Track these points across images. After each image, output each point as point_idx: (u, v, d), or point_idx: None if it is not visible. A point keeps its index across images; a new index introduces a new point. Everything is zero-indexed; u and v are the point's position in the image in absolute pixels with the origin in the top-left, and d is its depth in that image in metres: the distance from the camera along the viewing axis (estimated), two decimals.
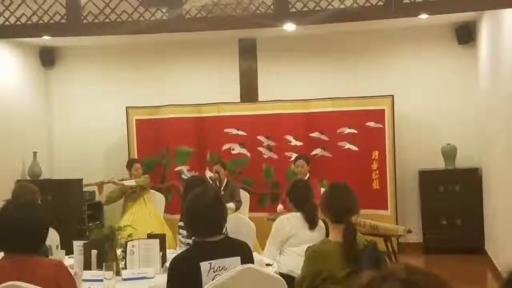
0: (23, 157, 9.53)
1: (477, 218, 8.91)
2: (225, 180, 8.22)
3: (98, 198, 9.66)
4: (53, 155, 10.33)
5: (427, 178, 9.18)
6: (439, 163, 9.19)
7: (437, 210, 9.06)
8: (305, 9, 6.34)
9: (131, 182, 8.27)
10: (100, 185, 8.36)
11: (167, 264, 4.05)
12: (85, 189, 9.21)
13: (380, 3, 6.18)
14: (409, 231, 7.68)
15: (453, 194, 9.03)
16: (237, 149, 9.27)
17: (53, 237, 4.75)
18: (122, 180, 8.36)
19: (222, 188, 8.06)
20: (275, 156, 9.22)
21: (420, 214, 9.26)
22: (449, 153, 9.09)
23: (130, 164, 8.60)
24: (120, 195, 8.40)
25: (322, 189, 7.21)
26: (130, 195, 8.31)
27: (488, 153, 8.41)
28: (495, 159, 7.87)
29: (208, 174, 9.06)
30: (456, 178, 9.04)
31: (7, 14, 6.82)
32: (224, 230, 3.69)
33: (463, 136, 9.20)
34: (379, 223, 7.59)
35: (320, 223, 5.07)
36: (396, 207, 8.93)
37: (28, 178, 9.40)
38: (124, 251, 4.78)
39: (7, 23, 6.85)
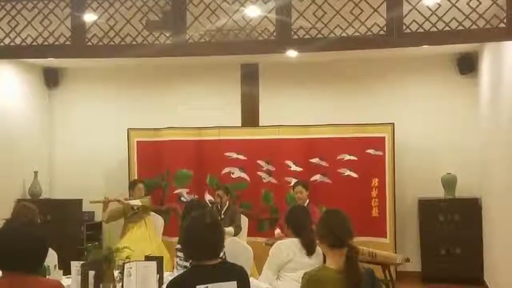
0: (23, 177, 9.56)
1: (476, 248, 8.89)
2: (227, 204, 8.22)
3: (97, 218, 9.68)
4: (54, 175, 10.36)
5: (427, 207, 9.18)
6: (439, 192, 9.19)
7: (436, 239, 9.05)
8: (307, 36, 6.39)
9: (136, 202, 8.26)
10: (106, 202, 8.37)
11: (164, 286, 4.05)
12: (90, 205, 9.13)
13: (382, 32, 6.23)
14: (408, 260, 7.65)
15: (452, 224, 9.03)
16: (237, 173, 9.29)
17: (51, 257, 4.74)
18: (127, 199, 8.37)
19: (222, 212, 8.07)
20: (274, 181, 9.23)
21: (419, 243, 9.25)
22: (449, 182, 9.10)
23: (133, 184, 8.60)
24: (121, 214, 8.38)
25: None
26: (131, 217, 8.29)
27: (488, 183, 8.42)
28: (495, 189, 7.88)
29: (208, 197, 9.08)
30: (455, 207, 9.04)
31: (13, 34, 6.88)
32: (221, 254, 3.69)
33: (463, 165, 9.22)
34: (378, 250, 7.57)
35: (318, 249, 5.06)
36: (395, 235, 8.92)
37: (28, 197, 9.42)
38: (122, 273, 4.77)
39: (12, 43, 6.91)
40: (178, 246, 5.21)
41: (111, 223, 8.47)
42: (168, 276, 4.90)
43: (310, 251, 5.12)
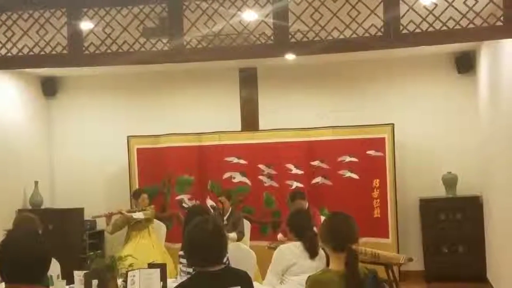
0: (24, 187, 9.55)
1: (478, 246, 8.89)
2: (229, 210, 8.21)
3: (99, 227, 9.66)
4: (55, 184, 10.35)
5: (428, 206, 9.17)
6: (440, 191, 9.19)
7: (438, 238, 9.05)
8: (305, 39, 6.39)
9: (140, 215, 8.26)
10: (109, 216, 8.40)
11: None
12: (93, 218, 9.15)
13: (379, 33, 6.22)
14: (411, 260, 7.63)
15: (454, 222, 9.03)
16: (238, 178, 9.28)
17: (54, 267, 4.73)
18: (130, 212, 8.37)
19: (225, 218, 8.07)
20: (276, 185, 9.23)
21: (421, 242, 9.26)
22: (450, 181, 9.10)
23: (137, 194, 8.61)
24: (125, 223, 8.41)
25: (323, 218, 7.22)
26: (135, 225, 8.31)
27: (489, 181, 8.42)
28: (496, 187, 7.88)
29: (209, 203, 9.08)
30: (457, 206, 9.05)
31: (9, 45, 6.87)
32: (225, 260, 3.68)
33: (464, 164, 9.22)
34: (381, 251, 7.56)
35: (321, 252, 5.06)
36: (397, 235, 8.92)
37: (29, 207, 9.40)
38: (125, 281, 4.77)
39: (9, 54, 6.90)
40: (181, 252, 5.20)
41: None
42: (172, 283, 4.89)
43: (313, 254, 5.11)
